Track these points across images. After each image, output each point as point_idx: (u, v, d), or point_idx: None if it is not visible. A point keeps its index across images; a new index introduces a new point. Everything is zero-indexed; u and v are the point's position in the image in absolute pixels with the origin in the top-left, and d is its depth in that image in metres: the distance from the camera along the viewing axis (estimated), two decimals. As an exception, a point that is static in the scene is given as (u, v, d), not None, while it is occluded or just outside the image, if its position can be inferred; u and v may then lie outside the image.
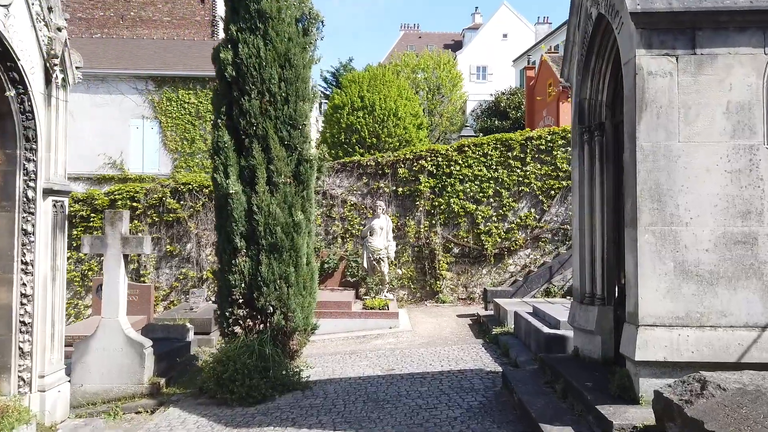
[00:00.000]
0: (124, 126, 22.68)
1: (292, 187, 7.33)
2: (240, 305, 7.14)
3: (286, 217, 7.19)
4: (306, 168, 7.41)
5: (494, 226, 13.61)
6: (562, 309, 8.10)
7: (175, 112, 22.30)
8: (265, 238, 7.08)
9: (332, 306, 10.68)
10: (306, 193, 7.44)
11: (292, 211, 7.23)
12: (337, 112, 28.89)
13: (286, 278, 7.15)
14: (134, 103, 22.62)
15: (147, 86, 22.55)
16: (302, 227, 7.25)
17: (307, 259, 7.48)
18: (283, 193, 7.24)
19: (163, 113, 22.42)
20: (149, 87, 22.54)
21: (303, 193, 7.42)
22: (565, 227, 13.59)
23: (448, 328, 10.63)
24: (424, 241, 13.62)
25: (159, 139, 22.60)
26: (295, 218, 7.20)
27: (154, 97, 22.58)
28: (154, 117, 22.47)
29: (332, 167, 13.88)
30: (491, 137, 13.80)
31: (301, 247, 7.26)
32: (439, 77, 38.65)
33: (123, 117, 22.66)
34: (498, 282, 13.66)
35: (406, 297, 13.73)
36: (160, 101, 22.55)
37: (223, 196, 7.18)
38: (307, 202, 7.47)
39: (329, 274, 12.56)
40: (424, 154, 13.73)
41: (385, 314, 10.66)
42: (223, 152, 7.23)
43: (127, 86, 22.58)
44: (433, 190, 13.69)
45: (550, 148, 13.65)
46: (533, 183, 13.61)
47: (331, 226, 13.76)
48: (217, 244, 7.46)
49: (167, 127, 22.23)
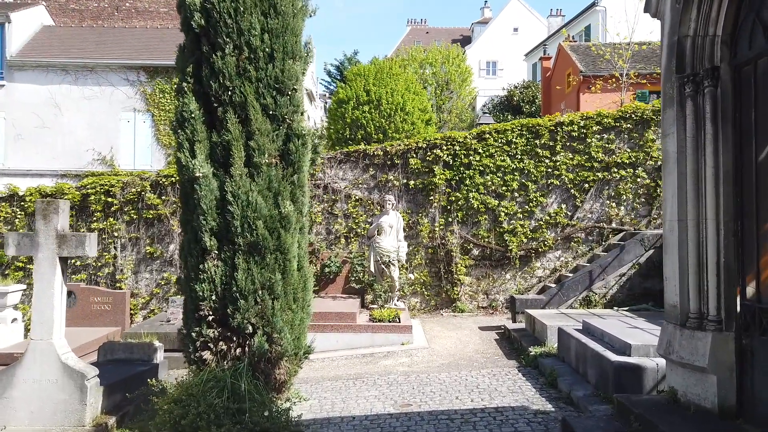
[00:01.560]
0: (115, 119, 21.18)
1: (278, 170, 5.66)
2: (210, 324, 5.47)
3: (270, 208, 5.52)
4: (297, 146, 5.73)
5: (519, 225, 11.90)
6: (623, 326, 6.39)
7: (169, 104, 20.69)
8: (242, 235, 5.41)
9: (333, 318, 9.01)
10: (297, 178, 5.76)
11: (278, 200, 5.56)
12: (341, 106, 27.40)
13: (270, 288, 5.47)
14: (125, 95, 21.12)
15: (138, 77, 21.04)
16: (291, 221, 5.57)
17: (298, 262, 5.81)
18: (267, 178, 5.57)
19: (155, 106, 20.89)
20: (141, 78, 21.03)
21: (293, 178, 5.74)
22: (601, 225, 11.86)
23: (471, 344, 8.92)
24: (440, 241, 11.93)
25: (151, 133, 21.07)
26: (281, 210, 5.52)
27: (146, 88, 21.07)
28: (146, 110, 20.96)
29: (334, 158, 12.22)
30: (516, 122, 12.10)
31: (290, 248, 5.58)
32: (448, 72, 37.03)
33: (113, 110, 21.17)
34: (524, 288, 11.95)
35: (419, 305, 12.04)
36: (153, 93, 21.04)
37: (188, 181, 5.52)
38: (299, 190, 5.78)
39: (330, 279, 10.89)
40: (439, 143, 12.04)
41: (396, 328, 8.98)
42: (189, 124, 5.57)
43: (118, 77, 21.07)
44: (449, 183, 11.99)
45: (584, 134, 11.93)
46: (564, 175, 11.89)
47: (333, 224, 12.09)
48: (182, 243, 5.80)
49: (160, 120, 20.67)
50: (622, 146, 11.94)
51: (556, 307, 9.69)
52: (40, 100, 21.10)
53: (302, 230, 5.91)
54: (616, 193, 11.91)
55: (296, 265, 5.72)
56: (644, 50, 23.84)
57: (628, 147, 11.94)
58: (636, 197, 11.89)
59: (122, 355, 7.18)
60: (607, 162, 11.87)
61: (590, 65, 24.03)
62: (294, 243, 5.64)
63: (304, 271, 5.88)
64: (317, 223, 12.05)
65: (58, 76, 21.39)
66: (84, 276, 11.76)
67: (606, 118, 11.94)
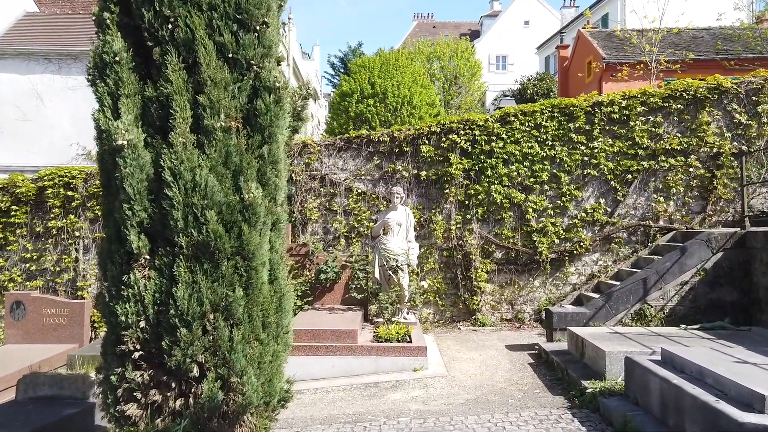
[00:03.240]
0: (101, 111, 19.57)
1: (240, 138, 3.91)
2: (137, 363, 3.71)
3: (227, 192, 3.77)
4: (268, 104, 3.98)
5: (550, 222, 10.11)
6: (726, 360, 4.59)
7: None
8: (185, 232, 3.67)
9: (329, 337, 7.25)
10: (268, 150, 4.00)
11: (239, 181, 3.81)
12: (344, 100, 25.86)
13: (227, 310, 3.72)
14: (112, 85, 19.43)
15: (126, 65, 19.39)
16: (258, 212, 3.82)
17: (270, 271, 4.05)
18: (223, 149, 3.83)
19: (144, 96, 19.22)
20: (129, 66, 19.36)
21: (262, 150, 3.98)
22: (646, 223, 10.06)
23: (500, 370, 7.15)
24: (456, 242, 10.16)
25: (140, 125, 19.40)
26: (245, 195, 3.77)
27: (134, 77, 19.40)
28: (134, 101, 19.26)
29: (333, 144, 10.47)
30: (546, 102, 10.30)
31: (257, 250, 3.82)
32: (457, 66, 35.34)
33: (99, 101, 19.55)
34: (556, 298, 10.16)
35: (432, 317, 10.26)
36: (141, 83, 19.39)
37: (110, 153, 3.78)
38: (270, 168, 4.02)
39: (327, 287, 9.14)
40: (455, 126, 10.27)
41: (405, 350, 7.21)
42: (113, 72, 3.83)
43: (104, 65, 19.42)
44: (467, 174, 10.22)
45: (626, 117, 10.13)
46: (603, 164, 10.10)
47: (331, 222, 10.34)
48: (102, 243, 4.05)
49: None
50: (671, 130, 10.14)
51: (602, 322, 7.90)
52: (20, 91, 19.59)
53: (277, 225, 4.15)
54: (664, 186, 10.10)
55: (267, 276, 3.96)
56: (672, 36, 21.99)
57: (679, 131, 10.13)
58: (688, 190, 10.08)
59: (49, 391, 5.45)
60: (653, 149, 10.07)
61: (613, 52, 22.24)
62: (263, 243, 3.88)
63: (279, 283, 4.12)
64: (313, 220, 10.30)
65: (40, 65, 19.86)
66: (40, 283, 10.05)
67: (652, 97, 10.14)
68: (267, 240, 3.94)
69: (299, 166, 10.39)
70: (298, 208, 10.27)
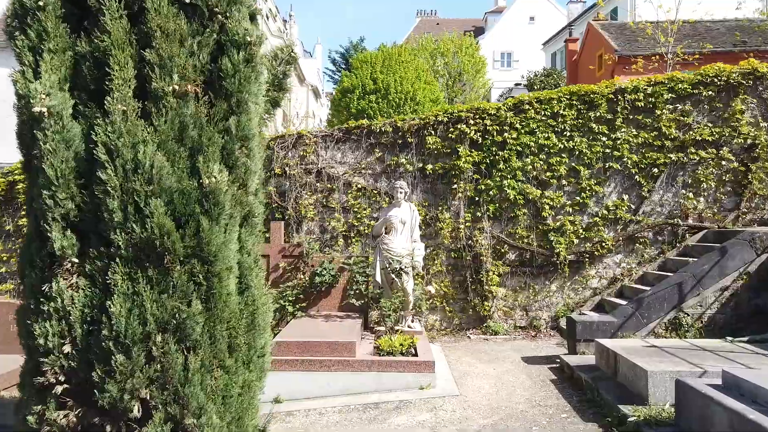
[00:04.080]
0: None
1: (200, 107, 3.03)
2: (61, 400, 2.84)
3: (181, 175, 2.90)
4: (237, 63, 3.09)
5: (568, 221, 9.21)
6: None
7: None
8: (123, 227, 2.79)
9: (324, 350, 6.36)
10: (237, 122, 3.11)
11: (196, 161, 2.94)
12: (346, 96, 25.12)
13: (180, 329, 2.84)
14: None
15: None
16: (222, 203, 2.94)
17: (240, 278, 3.17)
18: (177, 119, 2.95)
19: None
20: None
21: (229, 123, 3.09)
22: (674, 222, 9.15)
23: (519, 388, 6.25)
24: (465, 242, 9.27)
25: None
26: (205, 179, 2.89)
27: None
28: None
29: (331, 135, 9.58)
30: (564, 89, 9.40)
31: (221, 251, 2.93)
32: (461, 62, 34.52)
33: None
34: (575, 303, 9.25)
35: (439, 324, 9.37)
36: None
37: (29, 124, 2.90)
38: (239, 145, 3.13)
39: (323, 292, 8.25)
40: (464, 116, 9.37)
41: (411, 364, 6.32)
42: (35, 20, 2.96)
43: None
44: (477, 168, 9.33)
45: (652, 105, 9.23)
46: (626, 156, 9.20)
47: (328, 220, 9.45)
48: (23, 243, 3.18)
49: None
50: (701, 119, 9.24)
51: (632, 332, 7.00)
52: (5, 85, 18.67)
53: (250, 220, 3.27)
54: (694, 181, 9.20)
55: (235, 285, 3.08)
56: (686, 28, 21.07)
57: (709, 120, 9.23)
58: (720, 185, 9.18)
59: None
60: (682, 140, 9.17)
61: (625, 44, 21.34)
62: (229, 242, 3.00)
63: (252, 294, 3.23)
64: (308, 218, 9.41)
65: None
66: (11, 286, 9.19)
67: (681, 83, 9.24)
68: (235, 238, 3.06)
69: (293, 159, 9.51)
70: (292, 205, 9.39)
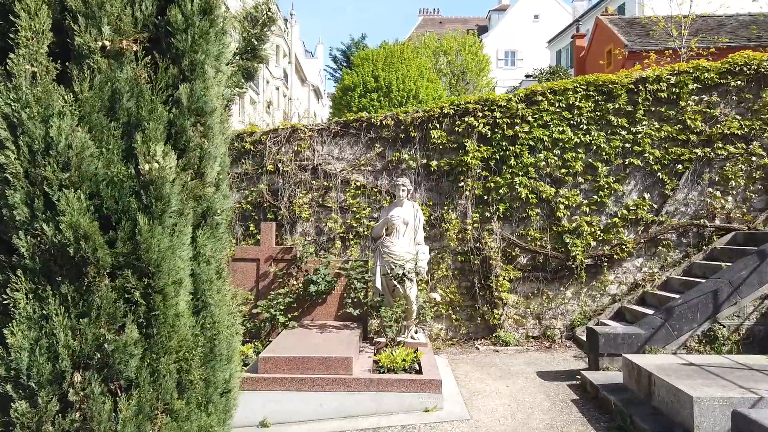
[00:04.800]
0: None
1: (140, 70, 2.30)
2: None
3: (111, 158, 2.17)
4: (190, 14, 2.35)
5: (585, 221, 8.48)
6: None
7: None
8: (29, 228, 2.07)
9: (316, 367, 5.63)
10: (190, 91, 2.38)
11: (134, 141, 2.21)
12: (347, 94, 24.44)
13: (107, 364, 2.11)
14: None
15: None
16: (168, 194, 2.22)
17: (196, 295, 2.44)
18: (108, 85, 2.22)
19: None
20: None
21: (179, 93, 2.36)
22: (700, 222, 8.41)
23: (537, 411, 5.52)
24: (473, 244, 8.54)
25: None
26: (143, 165, 2.17)
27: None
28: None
29: (327, 129, 8.87)
30: (580, 79, 8.67)
31: (166, 259, 2.21)
32: (465, 61, 33.86)
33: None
34: (592, 311, 8.52)
35: (445, 334, 8.64)
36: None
37: None
38: (193, 121, 2.40)
39: (318, 300, 7.52)
40: (472, 107, 8.65)
41: (415, 383, 5.59)
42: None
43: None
44: (486, 164, 8.61)
45: (676, 96, 8.50)
46: (648, 152, 8.47)
47: (324, 220, 8.74)
48: None
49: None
50: (729, 111, 8.50)
51: (661, 346, 6.26)
52: None
53: (210, 219, 2.54)
54: (721, 178, 8.46)
55: (186, 303, 2.35)
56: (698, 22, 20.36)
57: (738, 113, 8.50)
58: (749, 183, 8.44)
59: None
60: (708, 134, 8.44)
61: (636, 39, 20.61)
62: (179, 248, 2.28)
63: (211, 314, 2.50)
64: (303, 219, 8.70)
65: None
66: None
67: (707, 72, 8.50)
68: (187, 242, 2.34)
69: (287, 154, 8.79)
70: (285, 204, 8.67)
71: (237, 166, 8.82)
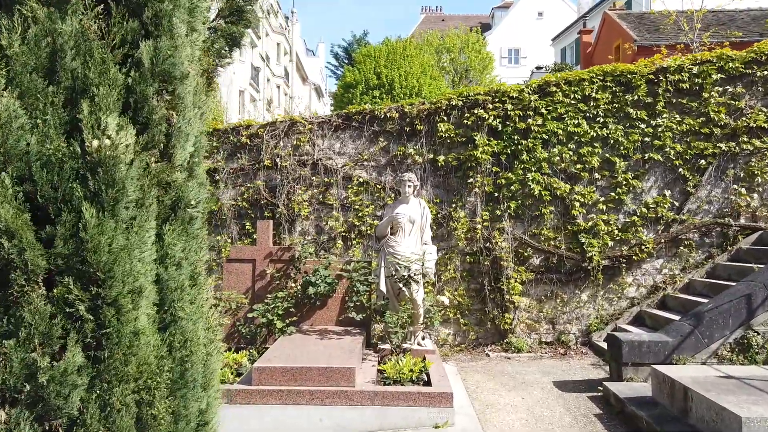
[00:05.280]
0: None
1: (89, 21, 1.82)
2: None
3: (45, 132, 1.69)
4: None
5: (602, 220, 7.99)
6: None
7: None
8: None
9: (315, 378, 5.14)
10: (154, 49, 1.89)
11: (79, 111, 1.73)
12: (348, 91, 24.02)
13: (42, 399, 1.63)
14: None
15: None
16: (122, 178, 1.73)
17: (162, 308, 1.96)
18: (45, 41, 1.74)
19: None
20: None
21: (140, 52, 1.88)
22: (725, 221, 7.92)
23: (557, 428, 5.02)
24: (483, 244, 8.05)
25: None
26: (91, 142, 1.69)
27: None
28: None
29: (328, 122, 8.38)
30: (596, 69, 8.18)
31: (119, 263, 1.73)
32: (468, 58, 33.50)
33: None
34: (609, 315, 8.02)
35: (453, 339, 8.15)
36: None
37: None
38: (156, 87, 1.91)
39: (317, 304, 7.02)
40: (482, 99, 8.17)
41: (424, 397, 5.09)
42: None
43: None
44: (497, 159, 8.12)
45: (699, 87, 8.01)
46: (669, 146, 7.98)
47: (325, 218, 8.26)
48: None
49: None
50: (754, 104, 8.01)
51: (691, 354, 5.77)
52: None
53: (179, 212, 2.05)
54: (747, 174, 7.97)
55: (148, 318, 1.86)
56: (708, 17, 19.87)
57: (764, 104, 8.00)
58: (777, 179, 7.95)
59: None
60: (732, 127, 7.94)
61: (645, 34, 20.11)
62: (137, 247, 1.79)
63: (180, 329, 2.00)
64: (302, 217, 8.22)
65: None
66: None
67: (731, 61, 8.01)
68: (148, 240, 1.85)
69: (286, 149, 8.31)
70: (283, 202, 8.19)
71: (232, 161, 8.34)
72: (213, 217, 8.23)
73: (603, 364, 7.03)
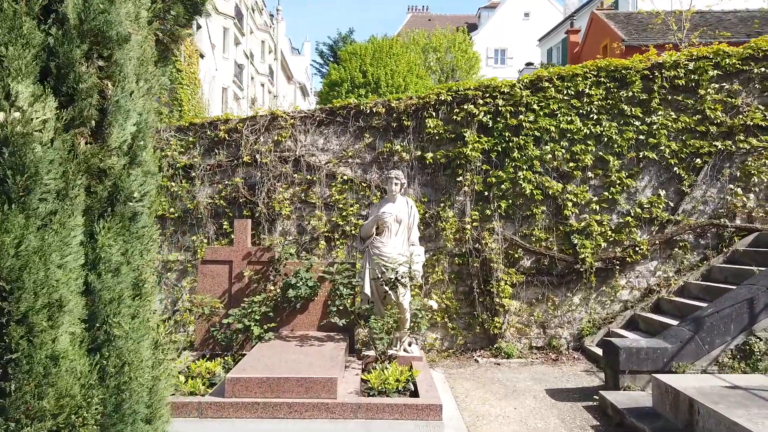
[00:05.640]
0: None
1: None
2: None
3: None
4: None
5: (595, 220, 7.71)
6: None
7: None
8: None
9: (293, 389, 4.77)
10: (84, 3, 1.51)
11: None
12: (333, 89, 23.67)
13: None
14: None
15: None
16: (35, 163, 1.35)
17: (96, 326, 1.58)
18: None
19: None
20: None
21: (62, 6, 1.50)
22: (720, 222, 7.69)
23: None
24: (472, 245, 7.73)
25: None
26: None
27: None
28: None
29: (311, 117, 8.01)
30: (590, 64, 7.90)
31: (30, 270, 1.34)
32: (455, 58, 33.37)
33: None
34: (601, 319, 7.75)
35: (440, 344, 7.82)
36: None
37: None
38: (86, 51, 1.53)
39: (298, 308, 6.64)
40: (472, 94, 7.85)
41: (411, 409, 4.75)
42: None
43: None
44: (487, 157, 7.81)
45: (695, 83, 7.77)
46: (664, 145, 7.72)
47: (307, 218, 7.88)
48: None
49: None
50: (751, 101, 7.79)
51: (691, 361, 5.49)
52: None
53: (118, 207, 1.67)
54: (743, 174, 7.74)
55: (69, 339, 1.48)
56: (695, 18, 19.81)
57: (761, 102, 7.79)
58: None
59: None
60: (729, 125, 7.71)
61: (633, 34, 19.99)
62: (61, 250, 1.41)
63: (116, 351, 1.61)
64: (283, 216, 7.83)
65: None
66: None
67: (728, 57, 7.79)
68: (74, 241, 1.47)
69: (266, 144, 7.92)
70: (263, 200, 7.80)
71: (210, 157, 7.93)
72: (189, 216, 7.82)
73: (597, 371, 6.74)
